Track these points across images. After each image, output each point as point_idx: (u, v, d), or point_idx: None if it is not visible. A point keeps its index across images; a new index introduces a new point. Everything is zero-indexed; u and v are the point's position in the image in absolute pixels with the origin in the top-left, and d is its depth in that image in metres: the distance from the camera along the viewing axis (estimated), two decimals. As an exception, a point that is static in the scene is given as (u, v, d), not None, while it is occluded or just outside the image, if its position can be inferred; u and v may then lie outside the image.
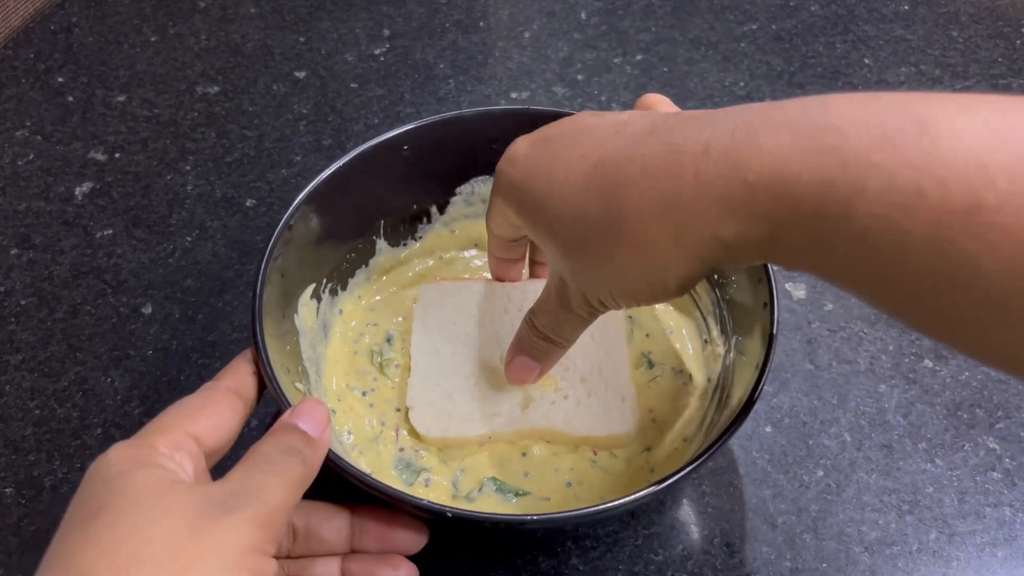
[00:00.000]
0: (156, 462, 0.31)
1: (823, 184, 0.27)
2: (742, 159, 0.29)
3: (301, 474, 0.33)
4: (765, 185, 0.28)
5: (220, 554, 0.28)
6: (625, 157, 0.32)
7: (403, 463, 0.44)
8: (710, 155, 0.30)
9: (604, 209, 0.33)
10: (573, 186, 0.34)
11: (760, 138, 0.29)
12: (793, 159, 0.28)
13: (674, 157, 0.31)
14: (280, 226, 0.43)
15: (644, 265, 0.33)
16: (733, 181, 0.29)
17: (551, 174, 0.35)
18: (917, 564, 0.43)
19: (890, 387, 0.50)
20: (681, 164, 0.30)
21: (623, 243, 0.32)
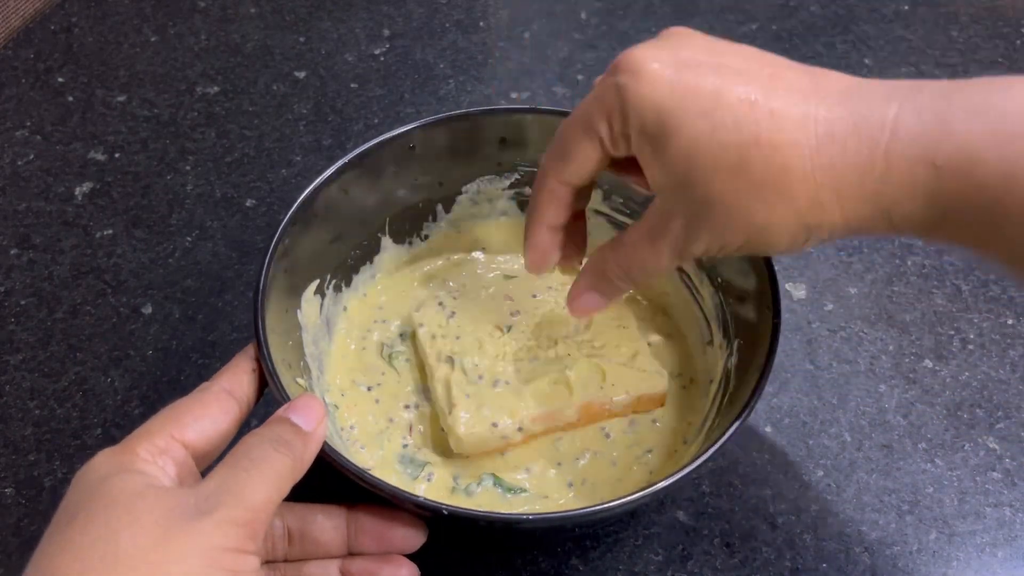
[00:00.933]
0: (135, 467, 0.32)
1: (1010, 167, 0.28)
2: (932, 143, 0.29)
3: (289, 467, 0.33)
4: (952, 169, 0.29)
5: (193, 555, 0.28)
6: (802, 114, 0.31)
7: (407, 458, 0.44)
8: (899, 136, 0.30)
9: (778, 165, 0.31)
10: (741, 132, 0.31)
11: (950, 123, 0.29)
12: (984, 146, 0.29)
13: (859, 129, 0.31)
14: (285, 221, 0.43)
15: (800, 225, 0.32)
16: (920, 164, 0.29)
17: (711, 112, 0.32)
18: (917, 564, 0.43)
19: (890, 387, 0.50)
20: (869, 139, 0.30)
21: (787, 202, 0.32)
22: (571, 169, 0.38)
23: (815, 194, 0.31)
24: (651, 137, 0.33)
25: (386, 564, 0.38)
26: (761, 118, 0.31)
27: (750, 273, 0.43)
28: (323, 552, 0.38)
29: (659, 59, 0.33)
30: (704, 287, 0.48)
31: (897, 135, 0.30)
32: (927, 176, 0.30)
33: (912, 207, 0.30)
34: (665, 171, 0.34)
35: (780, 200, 0.32)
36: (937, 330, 0.53)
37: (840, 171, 0.31)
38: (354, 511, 0.38)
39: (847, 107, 0.31)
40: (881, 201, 0.31)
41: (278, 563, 0.38)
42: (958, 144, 0.29)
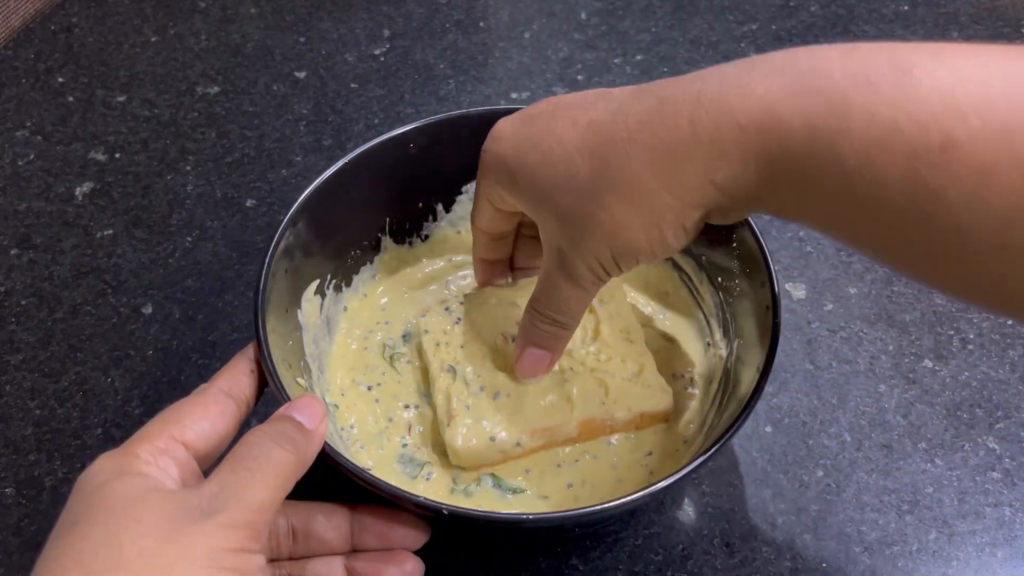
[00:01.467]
0: (137, 470, 0.32)
1: (809, 124, 0.28)
2: (733, 103, 0.30)
3: (292, 464, 0.33)
4: (755, 126, 0.30)
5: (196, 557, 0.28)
6: (616, 114, 0.33)
7: (406, 457, 0.45)
8: (702, 102, 0.31)
9: (598, 165, 0.33)
10: (565, 150, 0.35)
11: (750, 83, 0.30)
12: (781, 101, 0.29)
13: (666, 108, 0.32)
14: (285, 221, 0.43)
15: (641, 217, 0.33)
16: (724, 124, 0.30)
17: (541, 144, 0.36)
18: (917, 564, 0.43)
19: (890, 387, 0.50)
20: (674, 113, 0.31)
21: (618, 196, 0.33)
22: (480, 220, 0.43)
23: (638, 182, 0.32)
24: (507, 183, 0.38)
25: (390, 559, 0.38)
26: (580, 131, 0.34)
27: (750, 273, 0.43)
28: (327, 549, 0.38)
29: (511, 122, 0.39)
30: (704, 287, 0.48)
31: (700, 103, 0.31)
32: (735, 135, 0.30)
33: (731, 170, 0.31)
34: (526, 206, 0.38)
35: (611, 196, 0.33)
36: (937, 330, 0.53)
37: (653, 151, 0.32)
38: (357, 510, 0.39)
39: (656, 96, 0.33)
40: (699, 168, 0.31)
41: (283, 561, 0.38)
42: (758, 102, 0.29)
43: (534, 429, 0.43)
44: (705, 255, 0.48)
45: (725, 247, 0.45)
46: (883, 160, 0.27)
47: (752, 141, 0.30)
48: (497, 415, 0.43)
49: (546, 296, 0.40)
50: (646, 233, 0.34)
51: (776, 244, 0.57)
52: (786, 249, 0.57)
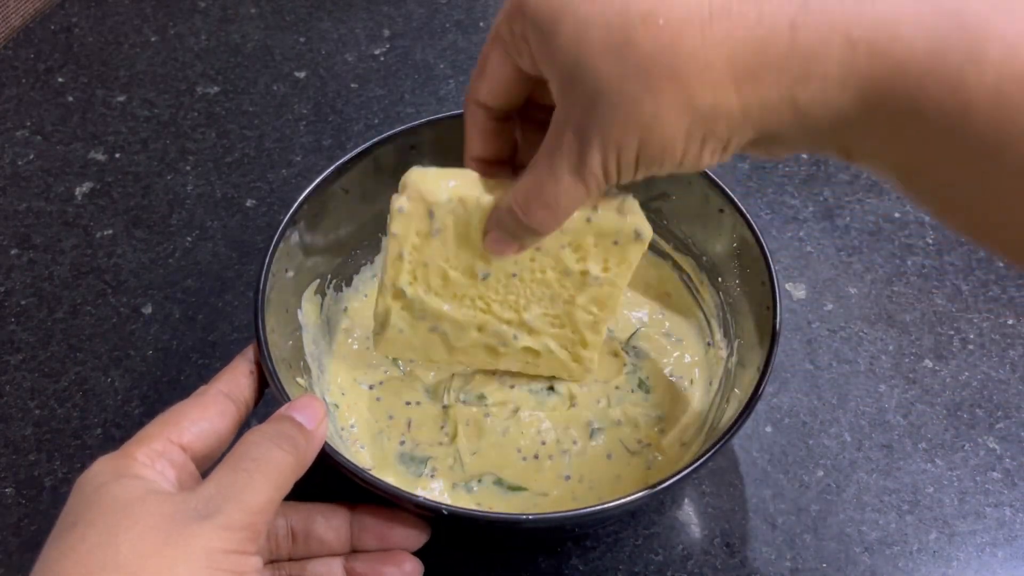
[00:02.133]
0: (134, 472, 0.32)
1: (935, 47, 0.25)
2: (847, 12, 0.26)
3: (291, 464, 0.33)
4: (869, 44, 0.25)
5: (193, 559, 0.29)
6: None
7: (406, 456, 0.45)
8: (810, 7, 0.26)
9: (664, 42, 0.28)
10: (629, 11, 0.28)
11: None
12: (907, 19, 0.25)
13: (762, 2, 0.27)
14: (285, 221, 0.43)
15: (692, 117, 0.28)
16: (833, 35, 0.26)
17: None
18: (917, 564, 0.43)
19: (890, 387, 0.50)
20: (774, 9, 0.27)
21: (676, 84, 0.28)
22: (486, 87, 0.35)
23: (706, 72, 0.27)
24: (542, 30, 0.31)
25: (390, 560, 0.38)
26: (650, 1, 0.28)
27: (750, 273, 0.43)
28: (327, 550, 0.38)
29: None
30: (704, 287, 0.48)
31: (807, 6, 0.26)
32: (841, 50, 0.26)
33: (822, 88, 0.26)
34: (556, 66, 0.31)
35: (668, 83, 0.28)
36: (937, 330, 0.53)
37: (736, 44, 0.27)
38: (356, 510, 0.39)
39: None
40: (785, 79, 0.27)
41: (282, 562, 0.38)
42: (879, 15, 0.25)
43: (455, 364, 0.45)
44: (705, 255, 0.48)
45: (725, 247, 0.45)
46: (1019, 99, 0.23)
47: (861, 60, 0.26)
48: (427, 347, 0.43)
49: (537, 185, 0.33)
50: (687, 140, 0.29)
51: (776, 244, 0.57)
52: (786, 249, 0.57)
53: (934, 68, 0.25)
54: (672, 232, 0.49)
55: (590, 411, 0.46)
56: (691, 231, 0.48)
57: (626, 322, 0.50)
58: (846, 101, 0.26)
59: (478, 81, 0.36)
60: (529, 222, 0.35)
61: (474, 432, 0.45)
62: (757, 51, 0.27)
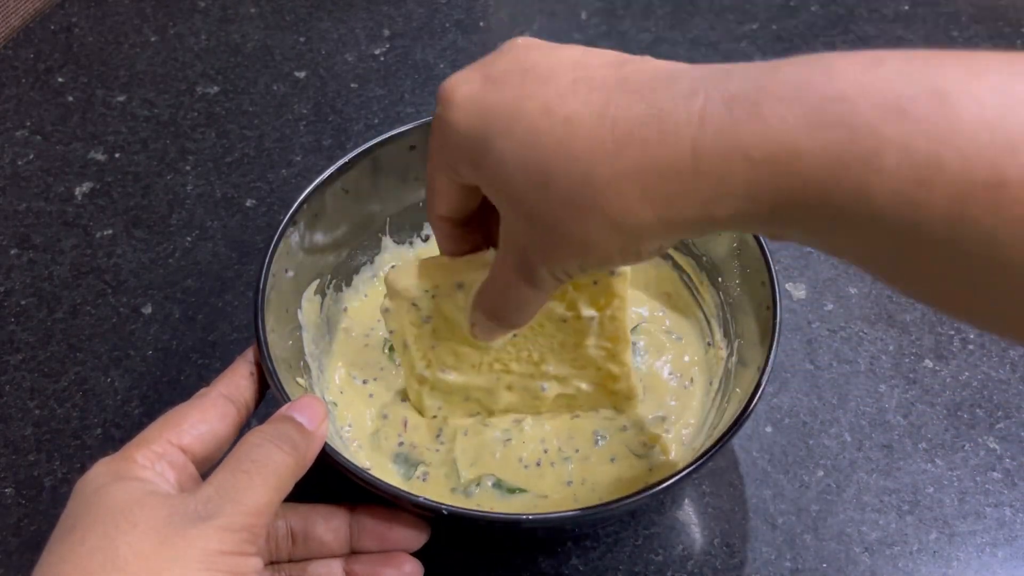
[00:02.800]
0: (133, 475, 0.32)
1: (833, 160, 0.25)
2: (743, 135, 0.26)
3: (291, 466, 0.33)
4: (769, 163, 0.26)
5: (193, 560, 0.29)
6: (600, 118, 0.29)
7: (401, 457, 0.44)
8: (706, 128, 0.27)
9: (578, 176, 0.29)
10: (541, 146, 0.30)
11: (763, 111, 0.26)
12: (800, 134, 0.26)
13: (662, 125, 0.28)
14: (285, 221, 0.43)
15: (622, 237, 0.30)
16: (734, 158, 0.26)
17: (513, 128, 0.30)
18: (917, 564, 0.43)
19: (890, 387, 0.50)
20: (673, 135, 0.27)
21: (599, 213, 0.29)
22: (439, 204, 0.37)
23: (623, 201, 0.29)
24: (469, 161, 0.32)
25: (389, 561, 0.38)
26: (556, 126, 0.29)
27: (750, 273, 0.43)
28: (326, 552, 0.38)
29: (468, 81, 0.33)
30: (704, 287, 0.48)
31: (704, 128, 0.27)
32: (744, 170, 0.26)
33: (735, 205, 0.27)
34: (491, 193, 0.33)
35: (591, 213, 0.29)
36: (937, 330, 0.53)
37: (644, 173, 0.28)
38: (356, 511, 0.38)
39: (648, 102, 0.28)
40: (696, 200, 0.28)
41: (282, 563, 0.38)
42: (773, 135, 0.26)
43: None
44: (706, 255, 0.48)
45: (725, 247, 0.45)
46: (922, 199, 0.24)
47: (764, 177, 0.26)
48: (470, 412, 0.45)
49: (499, 294, 0.36)
50: (622, 251, 0.31)
51: (776, 244, 0.57)
52: (786, 249, 0.57)
53: (838, 180, 0.25)
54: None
55: (595, 421, 0.46)
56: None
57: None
58: (760, 211, 0.27)
59: (432, 199, 0.37)
60: (500, 324, 0.38)
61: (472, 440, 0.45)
62: (665, 177, 0.28)
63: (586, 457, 0.44)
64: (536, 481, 0.44)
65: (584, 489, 0.43)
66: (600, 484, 0.43)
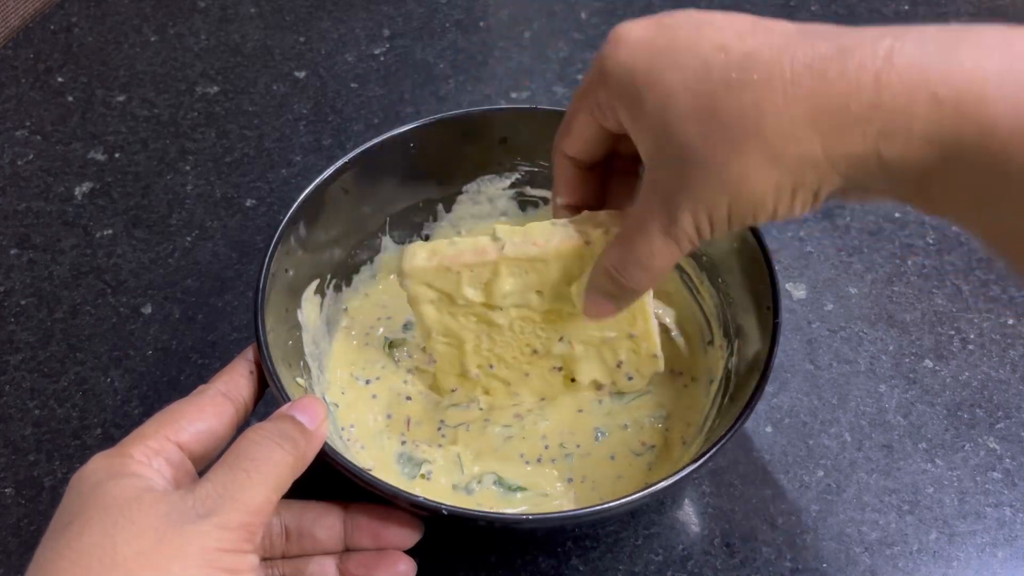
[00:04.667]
0: (130, 471, 0.32)
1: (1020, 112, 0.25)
2: (935, 72, 0.26)
3: (290, 465, 0.33)
4: (955, 103, 0.26)
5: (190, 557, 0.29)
6: (780, 51, 0.29)
7: (404, 456, 0.45)
8: (894, 62, 0.27)
9: (748, 105, 0.29)
10: (711, 78, 0.29)
11: (960, 53, 0.26)
12: (995, 82, 0.25)
13: (845, 58, 0.28)
14: (285, 221, 0.43)
15: (780, 174, 0.29)
16: (919, 94, 0.26)
17: (682, 63, 0.30)
18: (917, 564, 0.43)
19: (890, 387, 0.50)
20: (858, 67, 0.27)
21: (762, 144, 0.29)
22: (572, 143, 0.37)
23: (790, 130, 0.28)
24: (629, 99, 0.32)
25: (383, 559, 0.38)
26: (733, 60, 0.29)
27: (750, 273, 0.43)
28: (320, 549, 0.38)
29: (641, 26, 0.33)
30: (704, 287, 0.48)
31: (892, 61, 0.27)
32: (927, 108, 0.26)
33: (906, 145, 0.27)
34: (644, 133, 0.32)
35: (753, 143, 0.29)
36: (937, 330, 0.53)
37: (820, 99, 0.28)
38: (350, 509, 0.39)
39: (832, 42, 0.28)
40: (870, 134, 0.27)
41: (275, 560, 0.38)
42: (965, 77, 0.26)
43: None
44: (706, 255, 0.48)
45: (726, 247, 0.45)
46: None
47: (946, 119, 0.26)
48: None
49: (630, 246, 0.34)
50: (776, 194, 0.30)
51: (776, 244, 0.57)
52: (786, 249, 0.57)
53: (1019, 131, 0.25)
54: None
55: (597, 417, 0.46)
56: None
57: None
58: (931, 157, 0.27)
59: (565, 138, 0.37)
60: (625, 282, 0.36)
61: (475, 436, 0.45)
62: (841, 105, 0.27)
63: (587, 453, 0.44)
64: (537, 479, 0.44)
65: (584, 487, 0.43)
66: (600, 482, 0.43)
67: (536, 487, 0.43)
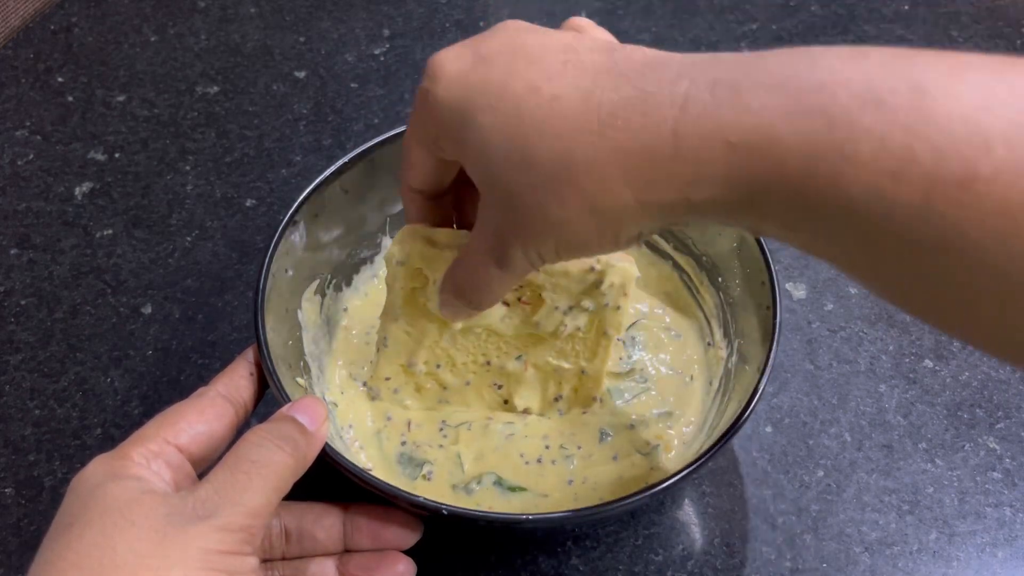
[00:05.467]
0: (130, 473, 0.32)
1: (810, 148, 0.25)
2: (724, 119, 0.27)
3: (290, 467, 0.33)
4: (748, 148, 0.26)
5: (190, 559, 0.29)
6: (585, 96, 0.29)
7: (405, 457, 0.44)
8: (688, 111, 0.27)
9: (561, 153, 0.29)
10: (523, 123, 0.30)
11: (744, 97, 0.27)
12: (779, 121, 0.26)
13: (646, 107, 0.28)
14: (284, 221, 0.43)
15: (599, 218, 0.30)
16: (713, 142, 0.27)
17: (498, 105, 0.31)
18: (917, 564, 0.43)
19: (890, 387, 0.50)
20: (656, 117, 0.28)
21: (578, 192, 0.29)
22: (415, 176, 0.37)
23: (603, 182, 0.29)
24: (452, 136, 0.33)
25: (383, 560, 0.38)
26: (543, 104, 0.30)
27: (750, 273, 0.43)
28: (320, 550, 0.38)
29: (456, 57, 0.33)
30: (704, 287, 0.48)
31: (687, 111, 0.27)
32: (723, 155, 0.27)
33: (712, 190, 0.27)
34: (472, 168, 0.33)
35: (570, 191, 0.29)
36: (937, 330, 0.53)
37: (626, 154, 0.28)
38: (350, 510, 0.39)
39: (635, 85, 0.29)
40: (676, 184, 0.28)
41: (275, 561, 0.38)
42: (753, 120, 0.26)
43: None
44: (706, 255, 0.48)
45: (726, 247, 0.45)
46: (894, 192, 0.24)
47: (742, 162, 0.27)
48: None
49: (469, 273, 0.36)
50: (599, 234, 0.31)
51: (776, 244, 0.57)
52: (786, 249, 0.57)
53: (813, 169, 0.25)
54: (672, 232, 0.49)
55: (602, 417, 0.46)
56: (691, 230, 0.48)
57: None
58: (737, 198, 0.27)
59: (407, 172, 0.38)
60: (467, 305, 0.37)
61: (476, 436, 0.45)
62: (646, 159, 0.28)
63: (589, 455, 0.44)
64: (537, 479, 0.44)
65: (585, 488, 0.43)
66: (601, 483, 0.43)
67: (536, 487, 0.43)
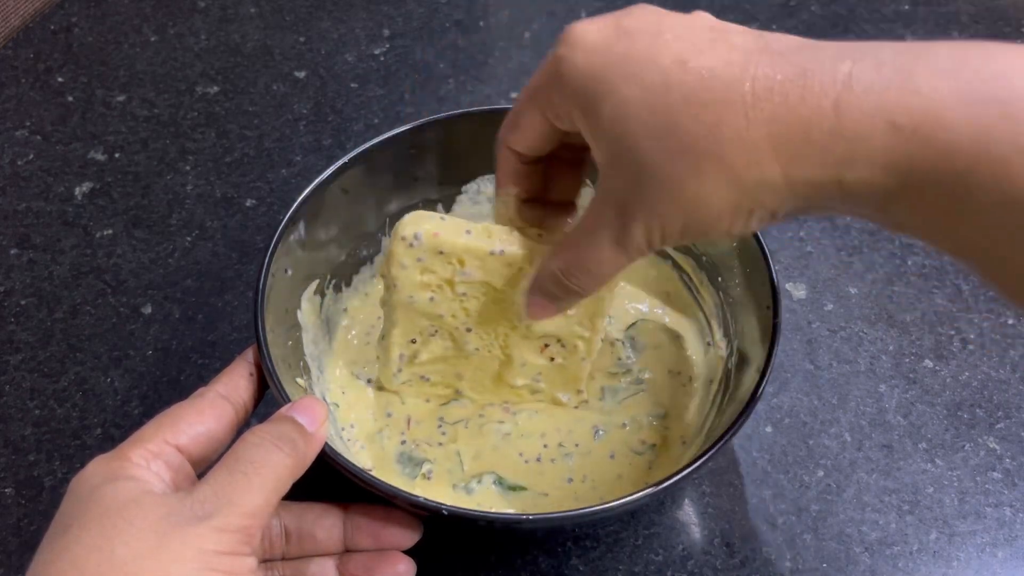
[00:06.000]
0: (129, 474, 0.32)
1: (980, 137, 0.25)
2: (892, 98, 0.26)
3: (289, 467, 0.33)
4: (914, 130, 0.25)
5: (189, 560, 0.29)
6: (738, 70, 0.28)
7: (405, 456, 0.44)
8: (853, 88, 0.26)
9: (707, 124, 0.28)
10: (670, 94, 0.29)
11: (914, 79, 0.26)
12: (952, 106, 0.25)
13: (806, 82, 0.27)
14: (284, 221, 0.43)
15: (738, 195, 0.29)
16: (877, 121, 0.26)
17: (641, 75, 0.30)
18: (917, 564, 0.43)
19: (890, 387, 0.50)
20: (817, 92, 0.27)
21: (721, 165, 0.28)
22: (519, 139, 0.37)
23: (751, 153, 0.28)
24: (585, 105, 0.32)
25: (383, 560, 0.38)
26: (692, 78, 0.29)
27: (750, 273, 0.43)
28: (320, 550, 0.38)
29: (598, 29, 0.32)
30: (704, 287, 0.48)
31: (851, 87, 0.26)
32: (885, 135, 0.26)
33: (867, 171, 0.27)
34: (599, 142, 0.32)
35: (712, 164, 0.28)
36: (937, 330, 0.53)
37: (780, 125, 0.27)
38: (350, 510, 0.39)
39: (792, 62, 0.28)
40: (830, 160, 0.27)
41: (275, 562, 0.38)
42: (922, 102, 0.25)
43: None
44: (706, 255, 0.48)
45: (726, 247, 0.45)
46: None
47: (906, 146, 0.26)
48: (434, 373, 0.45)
49: (579, 251, 0.34)
50: (733, 213, 0.29)
51: (776, 244, 0.57)
52: (786, 249, 0.57)
53: (980, 157, 0.25)
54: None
55: (595, 415, 0.46)
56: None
57: (625, 313, 0.50)
58: (892, 182, 0.27)
59: (511, 132, 0.37)
60: (571, 286, 0.36)
61: (473, 433, 0.45)
62: (801, 131, 0.27)
63: (587, 452, 0.44)
64: (536, 478, 0.44)
65: (584, 487, 0.43)
66: (600, 482, 0.43)
67: (536, 487, 0.43)
